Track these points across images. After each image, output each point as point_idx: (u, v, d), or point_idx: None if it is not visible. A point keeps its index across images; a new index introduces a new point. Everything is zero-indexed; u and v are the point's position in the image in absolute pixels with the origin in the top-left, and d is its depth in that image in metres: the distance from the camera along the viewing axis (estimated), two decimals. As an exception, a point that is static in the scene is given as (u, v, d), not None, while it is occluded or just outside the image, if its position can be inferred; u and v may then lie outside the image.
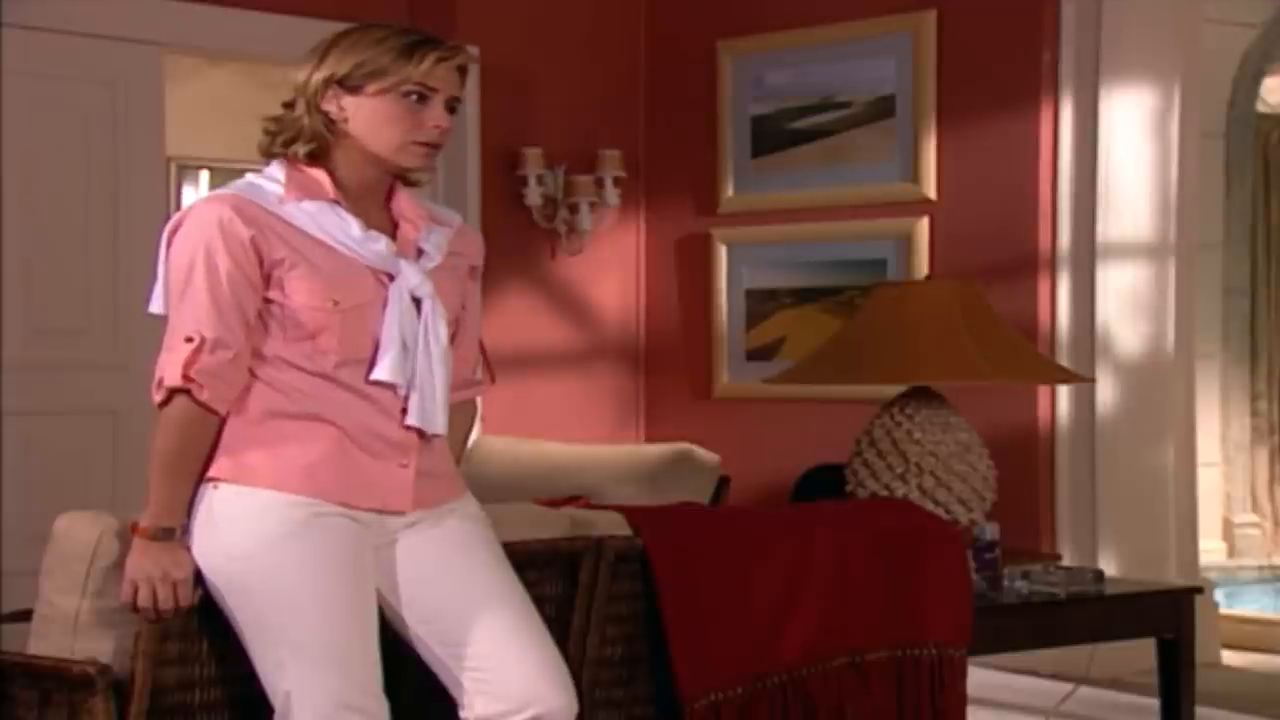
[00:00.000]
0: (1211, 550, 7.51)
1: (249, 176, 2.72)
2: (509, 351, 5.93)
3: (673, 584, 3.21)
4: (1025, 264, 5.55)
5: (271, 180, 2.68)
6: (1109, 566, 5.21)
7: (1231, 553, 8.04)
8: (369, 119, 2.65)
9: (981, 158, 5.65)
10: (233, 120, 7.57)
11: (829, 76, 5.98)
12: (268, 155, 2.71)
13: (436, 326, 2.70)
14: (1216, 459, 7.97)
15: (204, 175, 7.89)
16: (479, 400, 2.98)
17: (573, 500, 3.91)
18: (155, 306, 2.68)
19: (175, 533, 2.60)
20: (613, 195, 6.27)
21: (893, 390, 4.32)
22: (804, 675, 3.32)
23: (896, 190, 5.83)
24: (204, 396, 2.59)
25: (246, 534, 2.59)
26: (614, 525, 3.24)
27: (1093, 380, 5.22)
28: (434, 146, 2.68)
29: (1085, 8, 5.49)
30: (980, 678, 4.00)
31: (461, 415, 2.87)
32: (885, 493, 4.09)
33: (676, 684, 3.19)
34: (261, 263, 2.62)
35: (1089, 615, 3.94)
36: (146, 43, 5.59)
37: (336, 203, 2.66)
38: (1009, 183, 5.60)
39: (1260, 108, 8.21)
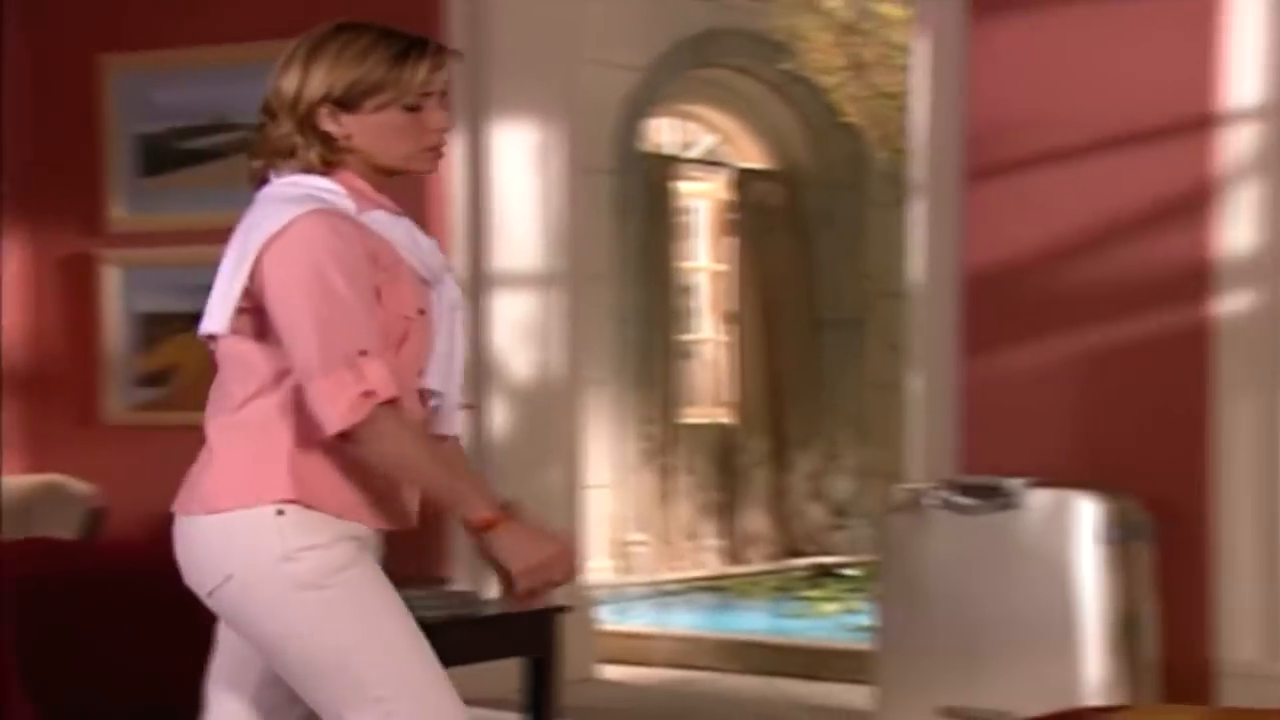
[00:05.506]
0: (601, 568, 7.82)
1: (307, 190, 2.47)
2: None
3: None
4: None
5: (329, 192, 2.47)
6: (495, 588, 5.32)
7: (625, 570, 8.40)
8: (375, 134, 2.51)
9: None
10: None
11: (221, 98, 5.87)
12: (260, 181, 2.51)
13: (462, 336, 2.61)
14: (608, 481, 8.31)
15: None
16: None
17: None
18: (217, 326, 2.49)
19: (516, 506, 2.44)
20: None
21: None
22: None
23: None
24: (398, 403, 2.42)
25: (318, 564, 2.41)
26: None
27: (475, 407, 5.33)
28: (441, 146, 2.57)
29: (476, 41, 5.55)
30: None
31: None
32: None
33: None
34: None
35: (463, 637, 4.03)
36: None
37: (398, 214, 2.54)
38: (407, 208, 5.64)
39: (645, 147, 8.66)
